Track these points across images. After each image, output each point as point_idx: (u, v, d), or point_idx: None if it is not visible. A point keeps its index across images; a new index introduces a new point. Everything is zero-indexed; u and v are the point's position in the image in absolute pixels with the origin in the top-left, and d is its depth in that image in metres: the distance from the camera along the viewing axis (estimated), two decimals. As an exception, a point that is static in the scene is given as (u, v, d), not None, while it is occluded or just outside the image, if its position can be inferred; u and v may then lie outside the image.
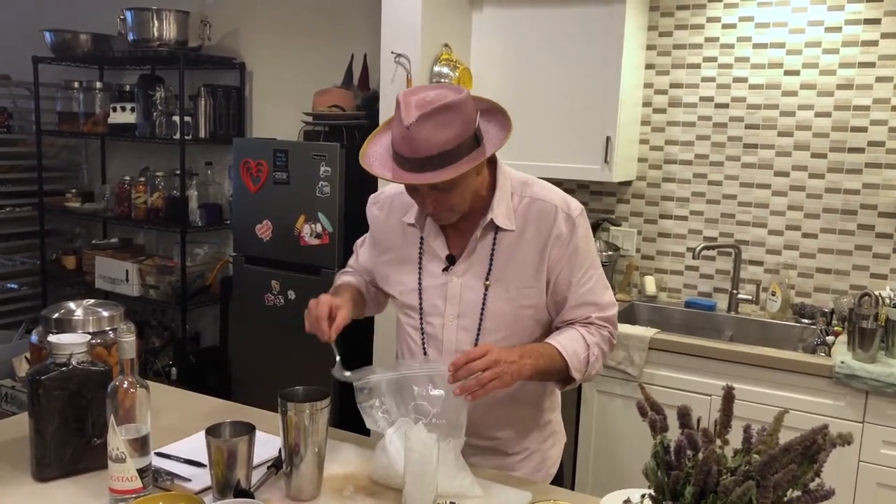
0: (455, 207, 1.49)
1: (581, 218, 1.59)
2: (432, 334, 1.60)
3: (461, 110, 1.37)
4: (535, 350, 1.49)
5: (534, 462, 1.69)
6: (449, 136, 1.36)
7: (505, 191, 1.58)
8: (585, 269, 1.55)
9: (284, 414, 1.35)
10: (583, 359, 1.52)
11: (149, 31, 3.77)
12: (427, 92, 1.39)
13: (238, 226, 3.47)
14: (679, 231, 3.13)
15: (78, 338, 1.42)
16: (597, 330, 1.56)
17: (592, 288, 1.56)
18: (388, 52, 2.90)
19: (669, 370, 2.62)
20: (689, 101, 3.05)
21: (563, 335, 1.54)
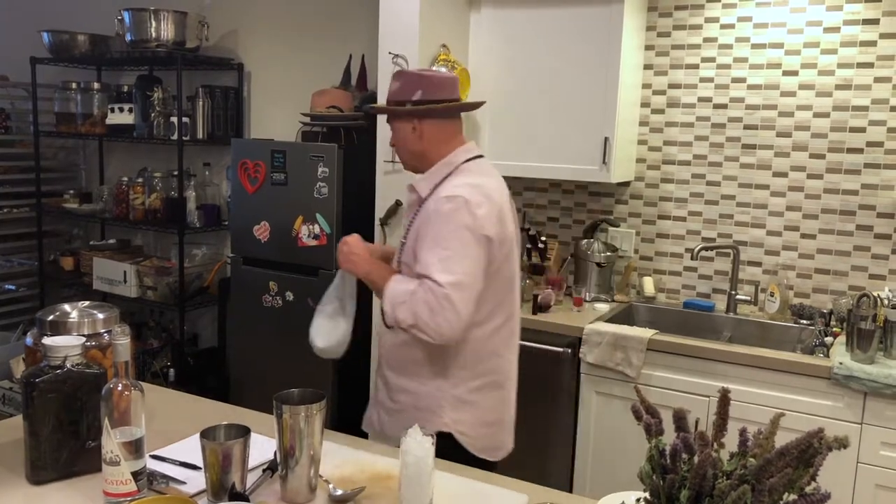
0: (397, 146, 1.94)
1: (450, 201, 1.76)
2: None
3: (408, 80, 1.87)
4: (380, 265, 1.90)
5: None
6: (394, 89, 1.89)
7: (436, 173, 1.88)
8: (430, 246, 1.74)
9: (279, 416, 1.35)
10: (399, 299, 1.76)
11: (146, 31, 3.76)
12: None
13: (236, 227, 3.46)
14: (678, 232, 3.12)
15: (72, 340, 1.42)
16: (427, 293, 1.71)
17: (429, 263, 1.73)
18: (385, 53, 2.89)
19: (667, 371, 2.62)
20: (687, 101, 3.05)
21: (407, 278, 1.81)
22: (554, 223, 3.37)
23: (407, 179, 2.91)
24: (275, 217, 3.31)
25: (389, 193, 2.98)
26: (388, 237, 3.00)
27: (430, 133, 1.86)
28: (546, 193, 3.37)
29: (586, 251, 3.11)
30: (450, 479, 1.48)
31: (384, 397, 1.99)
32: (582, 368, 2.75)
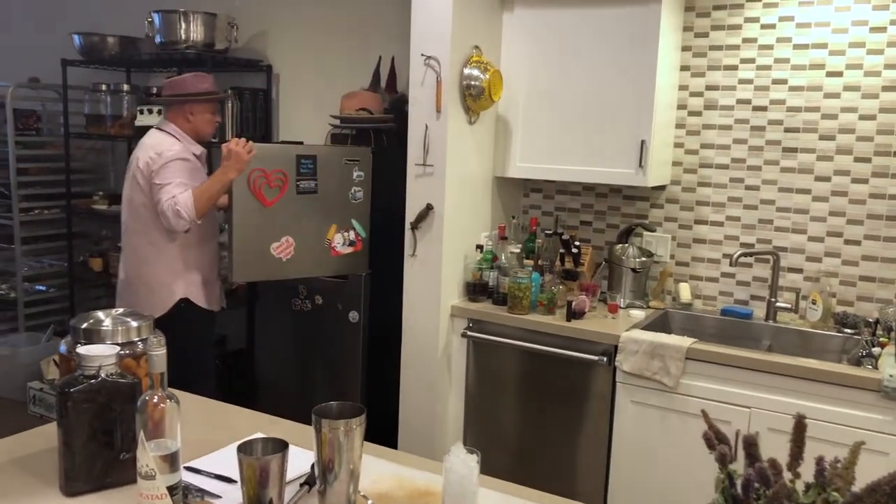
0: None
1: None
2: None
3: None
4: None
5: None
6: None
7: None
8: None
9: (318, 430, 1.30)
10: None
11: (176, 33, 3.76)
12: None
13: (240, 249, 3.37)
14: (715, 237, 3.05)
15: (106, 349, 1.39)
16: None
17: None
18: (417, 55, 2.85)
19: (706, 381, 2.54)
20: (725, 103, 2.97)
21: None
22: (587, 227, 3.31)
23: (438, 182, 2.88)
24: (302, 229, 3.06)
25: (420, 196, 2.94)
26: (419, 241, 2.96)
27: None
28: (579, 197, 3.31)
29: (621, 256, 3.04)
30: (495, 496, 1.43)
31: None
32: (617, 377, 2.69)
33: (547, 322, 2.80)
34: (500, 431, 2.96)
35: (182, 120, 2.97)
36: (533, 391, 2.88)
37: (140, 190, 2.90)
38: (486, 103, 2.92)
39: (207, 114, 3.01)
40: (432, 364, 2.99)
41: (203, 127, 3.01)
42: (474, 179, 3.08)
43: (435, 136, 2.86)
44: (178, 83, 2.99)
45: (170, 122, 2.99)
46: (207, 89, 3.00)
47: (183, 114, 2.96)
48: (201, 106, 2.97)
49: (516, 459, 2.93)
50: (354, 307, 3.19)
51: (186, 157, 2.91)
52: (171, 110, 2.99)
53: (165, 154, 2.85)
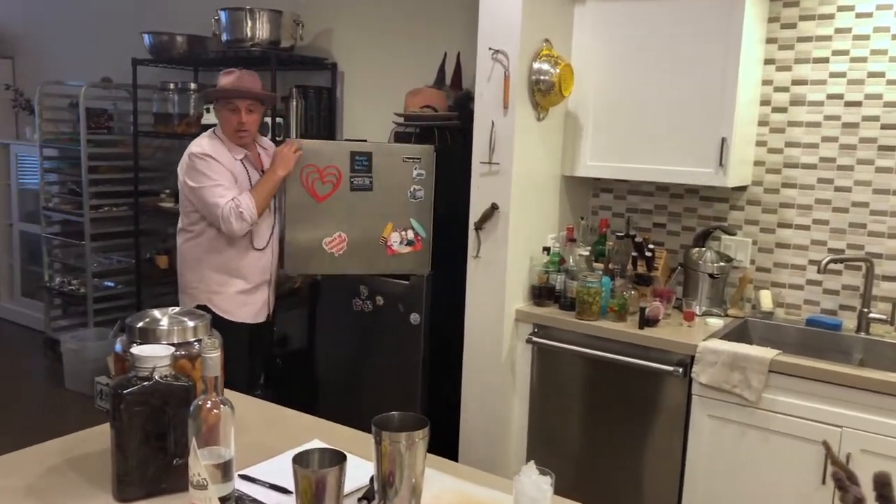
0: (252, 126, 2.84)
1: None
2: None
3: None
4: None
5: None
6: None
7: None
8: None
9: (378, 443, 1.22)
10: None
11: (242, 31, 3.75)
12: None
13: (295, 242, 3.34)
14: (800, 241, 2.85)
15: (161, 350, 1.33)
16: None
17: None
18: (485, 49, 2.75)
19: (791, 396, 2.36)
20: (814, 99, 2.77)
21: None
22: (660, 230, 3.14)
23: (504, 180, 2.77)
24: (355, 226, 3.01)
25: (485, 196, 2.83)
26: (483, 242, 2.85)
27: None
28: (651, 198, 3.15)
29: (697, 261, 2.87)
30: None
31: None
32: (693, 389, 2.53)
33: (618, 329, 2.65)
34: (565, 443, 2.83)
35: (220, 119, 2.83)
36: (601, 401, 2.74)
37: (180, 189, 2.88)
38: (556, 99, 2.80)
39: (225, 111, 2.76)
40: (495, 370, 2.88)
41: (224, 126, 2.79)
42: (541, 178, 2.96)
43: (501, 132, 2.75)
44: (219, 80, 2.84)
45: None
46: (223, 85, 2.78)
47: (217, 112, 2.83)
48: (219, 104, 2.79)
49: (581, 473, 2.80)
50: (416, 309, 3.11)
51: (211, 155, 2.72)
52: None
53: (190, 150, 2.75)
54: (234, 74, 2.78)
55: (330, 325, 3.43)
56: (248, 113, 2.76)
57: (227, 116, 2.76)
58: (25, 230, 5.58)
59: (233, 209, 2.68)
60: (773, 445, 2.40)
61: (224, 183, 2.71)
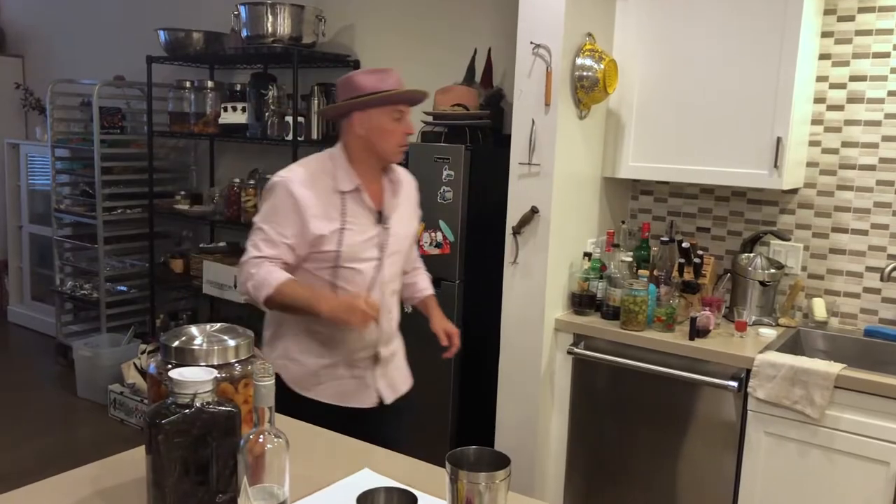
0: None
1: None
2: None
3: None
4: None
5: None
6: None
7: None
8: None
9: (454, 482, 1.07)
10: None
11: (262, 26, 3.61)
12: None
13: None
14: (857, 247, 2.69)
15: (203, 374, 1.18)
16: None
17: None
18: (525, 43, 2.60)
19: (858, 413, 2.21)
20: (873, 96, 2.62)
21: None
22: (704, 234, 2.99)
23: (545, 182, 2.63)
24: None
25: (523, 198, 2.69)
26: (521, 248, 2.71)
27: None
28: (695, 201, 3.00)
29: (747, 267, 2.72)
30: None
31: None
32: (749, 405, 2.37)
33: (666, 340, 2.50)
34: (608, 460, 2.68)
35: (350, 136, 2.02)
36: (646, 417, 2.59)
37: None
38: (600, 96, 2.65)
39: (386, 121, 1.98)
40: (533, 382, 2.73)
41: (380, 141, 2.00)
42: (582, 180, 2.81)
43: (543, 132, 2.61)
44: (344, 84, 2.01)
45: (340, 141, 2.07)
46: (380, 86, 1.97)
47: (350, 126, 2.00)
48: (376, 111, 1.97)
49: (627, 493, 2.64)
50: (447, 316, 2.94)
51: (293, 192, 1.94)
52: (341, 124, 2.06)
53: (272, 179, 2.01)
54: (391, 74, 2.02)
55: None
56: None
57: (387, 128, 1.99)
58: (36, 232, 5.46)
59: (251, 272, 1.94)
60: (836, 465, 2.24)
61: (275, 236, 1.94)
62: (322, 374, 2.05)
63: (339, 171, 2.00)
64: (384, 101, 1.97)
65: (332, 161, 2.03)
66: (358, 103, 1.97)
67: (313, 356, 2.04)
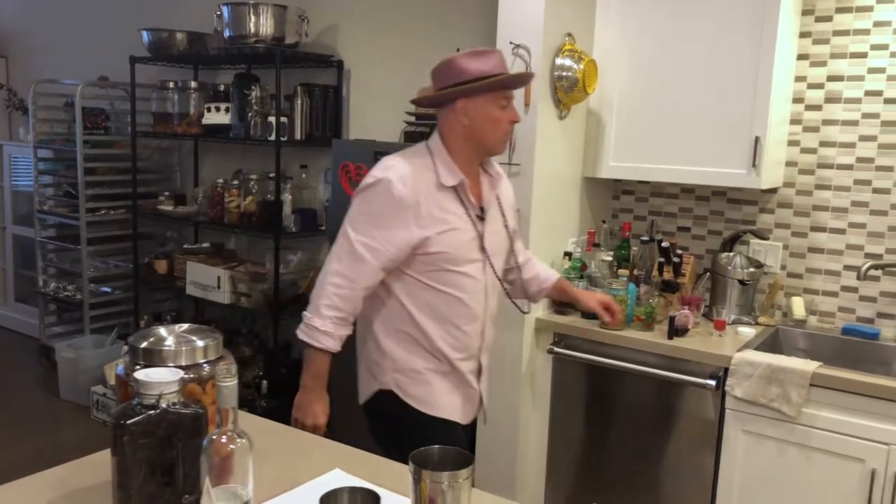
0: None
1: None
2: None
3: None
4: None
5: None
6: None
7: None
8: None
9: (417, 482, 1.07)
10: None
11: (245, 26, 3.60)
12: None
13: (333, 233, 3.23)
14: (835, 246, 2.71)
15: (169, 375, 1.18)
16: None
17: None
18: (505, 43, 2.60)
19: (833, 411, 2.22)
20: (851, 96, 2.64)
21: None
22: (684, 233, 3.00)
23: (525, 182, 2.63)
24: None
25: (504, 199, 2.68)
26: (502, 247, 2.71)
27: None
28: (676, 200, 3.01)
29: (726, 266, 2.73)
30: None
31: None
32: (727, 403, 2.38)
33: (646, 339, 2.51)
34: (588, 459, 2.69)
35: (453, 126, 1.85)
36: (626, 415, 2.60)
37: None
38: (580, 96, 2.65)
39: (493, 109, 1.83)
40: (514, 382, 2.73)
41: (487, 131, 1.84)
42: (562, 180, 2.82)
43: (522, 132, 2.61)
44: (444, 69, 1.84)
45: (436, 133, 1.90)
46: (486, 70, 1.80)
47: (454, 115, 1.83)
48: (483, 98, 1.81)
49: (607, 492, 2.65)
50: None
51: (396, 191, 1.77)
52: (440, 114, 1.88)
53: (369, 178, 1.83)
54: (494, 55, 1.84)
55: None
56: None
57: (495, 116, 1.83)
58: (19, 233, 5.43)
59: (321, 304, 1.82)
60: (813, 463, 2.26)
61: (373, 259, 1.79)
62: (437, 384, 1.90)
63: (439, 164, 1.83)
64: (494, 86, 1.80)
65: (430, 154, 1.85)
66: (466, 90, 1.79)
67: (422, 362, 1.89)
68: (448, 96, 1.81)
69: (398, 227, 1.77)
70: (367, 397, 1.97)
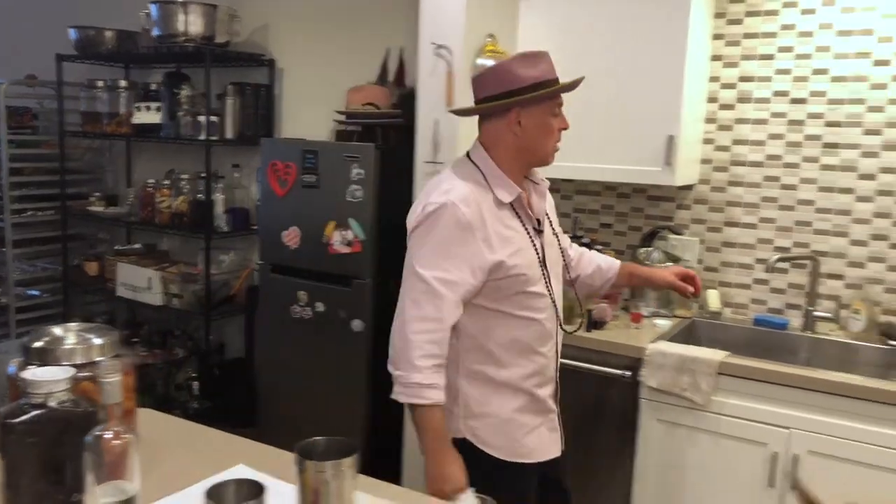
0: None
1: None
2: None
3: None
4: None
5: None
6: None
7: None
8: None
9: (301, 472, 1.10)
10: None
11: (174, 25, 3.57)
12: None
13: (264, 232, 3.25)
14: (747, 240, 2.82)
15: (56, 373, 1.18)
16: None
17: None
18: (426, 43, 2.64)
19: (741, 398, 2.32)
20: (760, 95, 2.75)
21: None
22: (607, 230, 3.09)
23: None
24: (305, 222, 3.09)
25: (429, 197, 2.72)
26: (428, 245, 2.74)
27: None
28: (599, 197, 3.09)
29: (644, 261, 2.82)
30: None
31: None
32: (642, 393, 2.47)
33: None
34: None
35: (502, 137, 1.71)
36: (550, 407, 2.66)
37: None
38: (501, 96, 2.70)
39: (546, 118, 1.72)
40: (441, 377, 2.77)
41: (541, 140, 1.73)
42: (487, 178, 2.87)
43: (446, 131, 2.65)
44: (496, 76, 1.68)
45: (479, 146, 1.75)
46: (539, 76, 1.68)
47: (506, 125, 1.70)
48: (538, 107, 1.70)
49: (532, 481, 2.71)
50: (358, 315, 2.98)
51: (463, 216, 1.62)
52: (487, 124, 1.74)
53: (429, 206, 1.66)
54: (545, 58, 1.73)
55: (268, 332, 3.28)
56: None
57: (550, 125, 1.73)
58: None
59: (413, 356, 1.63)
60: (722, 449, 2.35)
61: (452, 293, 1.63)
62: (521, 422, 1.76)
63: (493, 179, 1.69)
64: (552, 94, 1.69)
65: (480, 169, 1.71)
66: (524, 100, 1.65)
67: (502, 401, 1.74)
68: (501, 107, 1.67)
69: (471, 254, 1.62)
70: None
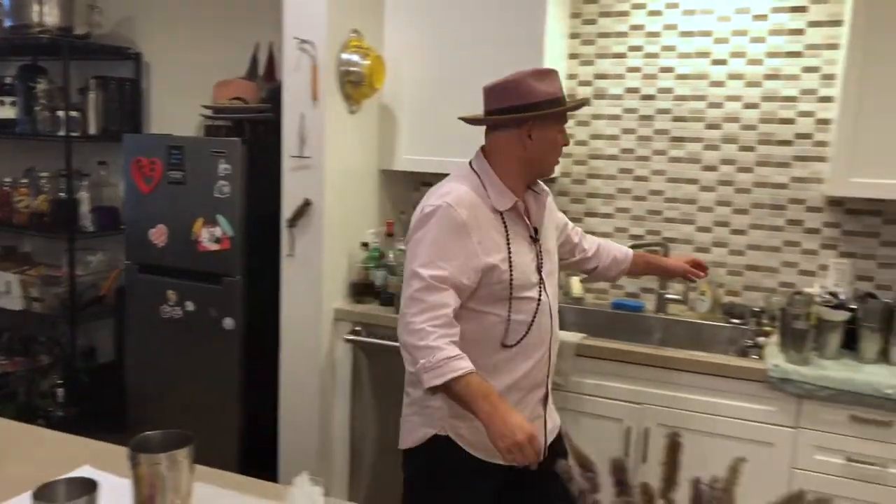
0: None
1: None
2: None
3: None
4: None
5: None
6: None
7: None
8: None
9: (135, 466, 1.10)
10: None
11: (28, 15, 3.40)
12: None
13: (131, 231, 3.15)
14: (605, 229, 2.98)
15: None
16: None
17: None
18: (290, 38, 2.64)
19: (599, 378, 2.46)
20: (614, 92, 2.91)
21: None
22: (478, 222, 3.18)
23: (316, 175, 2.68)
24: (172, 219, 3.02)
25: (297, 191, 2.73)
26: (297, 240, 2.75)
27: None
28: (469, 190, 3.18)
29: (512, 251, 2.93)
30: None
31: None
32: (508, 377, 2.57)
33: (435, 322, 2.64)
34: (390, 441, 2.79)
35: (510, 148, 1.77)
36: (423, 395, 2.72)
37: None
38: (368, 91, 2.74)
39: (555, 131, 1.77)
40: (314, 373, 2.79)
41: (547, 154, 1.79)
42: (357, 173, 2.90)
43: (312, 125, 2.66)
44: (511, 90, 1.73)
45: (481, 154, 1.84)
46: (552, 92, 1.73)
47: (516, 137, 1.75)
48: (550, 123, 1.75)
49: (407, 468, 2.77)
50: (229, 313, 2.95)
51: (459, 218, 1.67)
52: (496, 134, 1.81)
53: (426, 208, 1.74)
54: (555, 75, 1.78)
55: (138, 334, 3.19)
56: None
57: (557, 141, 1.78)
58: None
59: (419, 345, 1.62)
60: (584, 427, 2.48)
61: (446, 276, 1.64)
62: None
63: (490, 187, 1.75)
64: (566, 112, 1.77)
65: (479, 177, 1.77)
66: (540, 115, 1.70)
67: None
68: (517, 120, 1.72)
69: (466, 255, 1.66)
70: (416, 442, 1.81)
